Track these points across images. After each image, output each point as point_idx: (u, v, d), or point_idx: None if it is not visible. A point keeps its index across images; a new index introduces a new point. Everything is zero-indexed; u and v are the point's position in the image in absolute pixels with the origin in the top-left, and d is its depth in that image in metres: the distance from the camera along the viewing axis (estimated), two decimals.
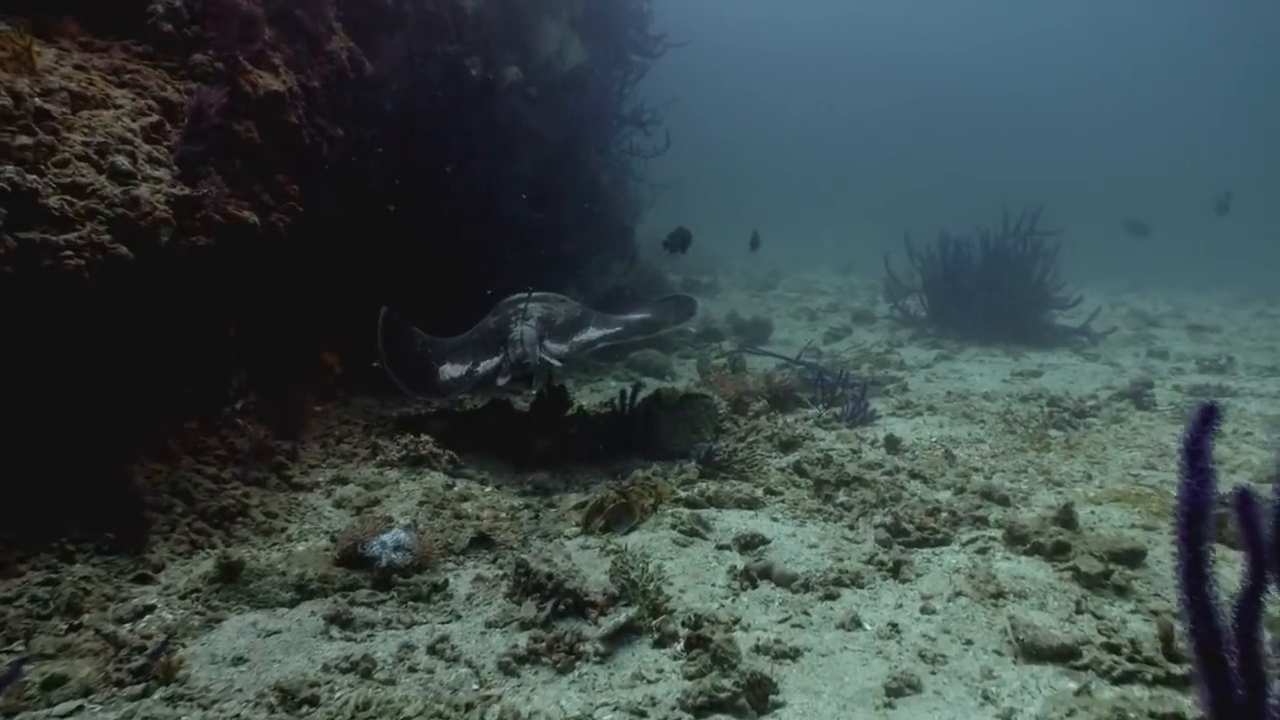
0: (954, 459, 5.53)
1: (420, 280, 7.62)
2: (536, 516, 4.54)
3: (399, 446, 5.21)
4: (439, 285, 7.72)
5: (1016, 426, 6.41)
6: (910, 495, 4.87)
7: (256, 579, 3.45)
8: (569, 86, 10.54)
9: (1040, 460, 5.56)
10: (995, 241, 11.58)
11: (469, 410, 6.89)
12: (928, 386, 8.15)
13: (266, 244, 5.19)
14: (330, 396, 6.60)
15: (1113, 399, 7.27)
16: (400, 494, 4.76)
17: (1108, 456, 5.61)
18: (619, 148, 12.60)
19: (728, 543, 4.04)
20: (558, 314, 6.06)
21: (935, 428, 6.44)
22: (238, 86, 5.03)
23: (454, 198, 8.24)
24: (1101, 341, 10.92)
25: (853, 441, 5.99)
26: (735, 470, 5.17)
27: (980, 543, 4.08)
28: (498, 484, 5.07)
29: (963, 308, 11.51)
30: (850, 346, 10.54)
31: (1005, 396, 7.58)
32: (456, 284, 7.83)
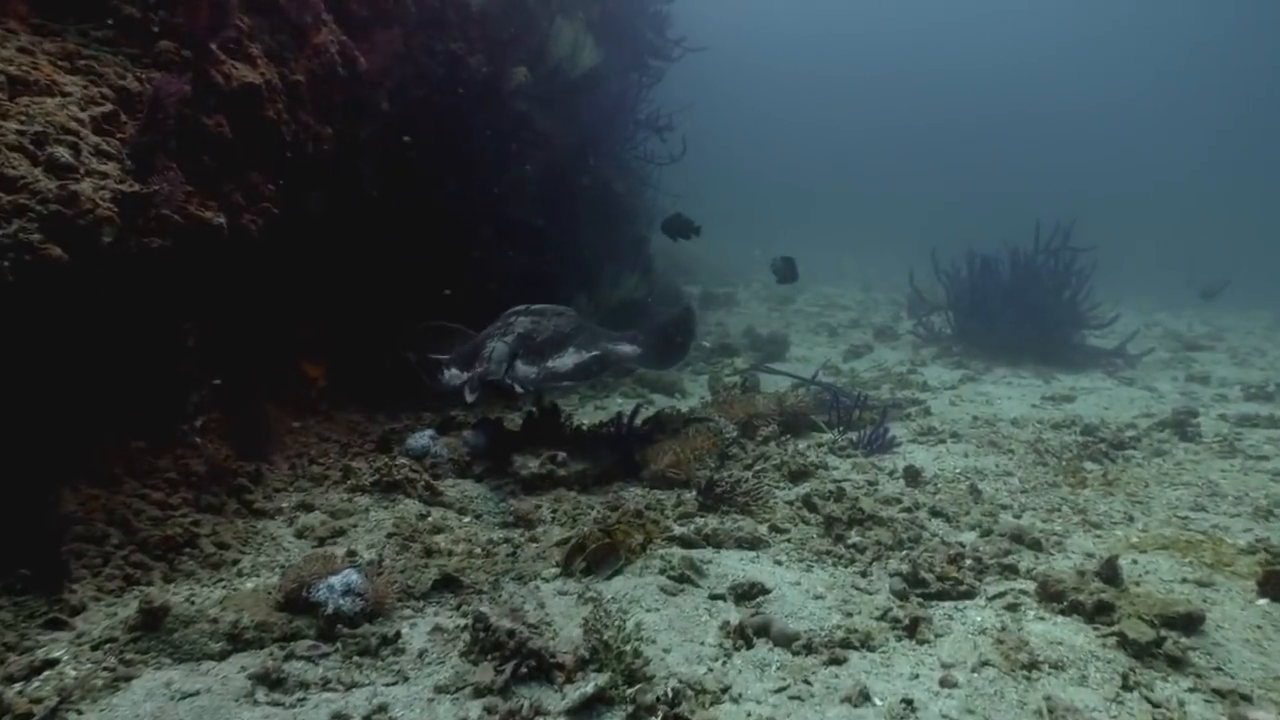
0: (980, 494, 5.05)
1: (417, 288, 7.24)
2: (515, 552, 4.10)
3: (372, 470, 4.79)
4: (438, 293, 7.34)
5: (1048, 458, 5.90)
6: (931, 536, 4.40)
7: (183, 626, 3.04)
8: (581, 89, 10.19)
9: (1075, 497, 5.06)
10: (1025, 257, 11.04)
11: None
12: (952, 410, 7.65)
13: (235, 247, 4.82)
14: (312, 411, 6.21)
15: (1153, 429, 6.74)
16: (369, 524, 4.34)
17: (1151, 495, 5.09)
18: (634, 154, 12.21)
19: (723, 591, 3.58)
20: (543, 330, 5.71)
21: (959, 457, 5.95)
22: (208, 77, 4.67)
23: (455, 202, 7.86)
24: (1137, 364, 10.36)
25: (869, 472, 5.51)
26: (738, 503, 4.71)
27: (1010, 597, 3.60)
28: (477, 513, 4.64)
29: (990, 326, 10.98)
30: (871, 365, 10.05)
31: (1035, 423, 7.06)
32: (457, 292, 7.45)
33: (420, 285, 7.27)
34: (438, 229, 7.57)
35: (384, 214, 7.10)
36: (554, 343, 5.64)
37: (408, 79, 7.29)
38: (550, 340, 5.69)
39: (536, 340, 5.69)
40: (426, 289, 7.29)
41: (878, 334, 12.39)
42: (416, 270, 7.26)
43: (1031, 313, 10.78)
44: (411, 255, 7.26)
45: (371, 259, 6.92)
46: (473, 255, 7.90)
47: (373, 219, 6.96)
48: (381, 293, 7.02)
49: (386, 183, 7.06)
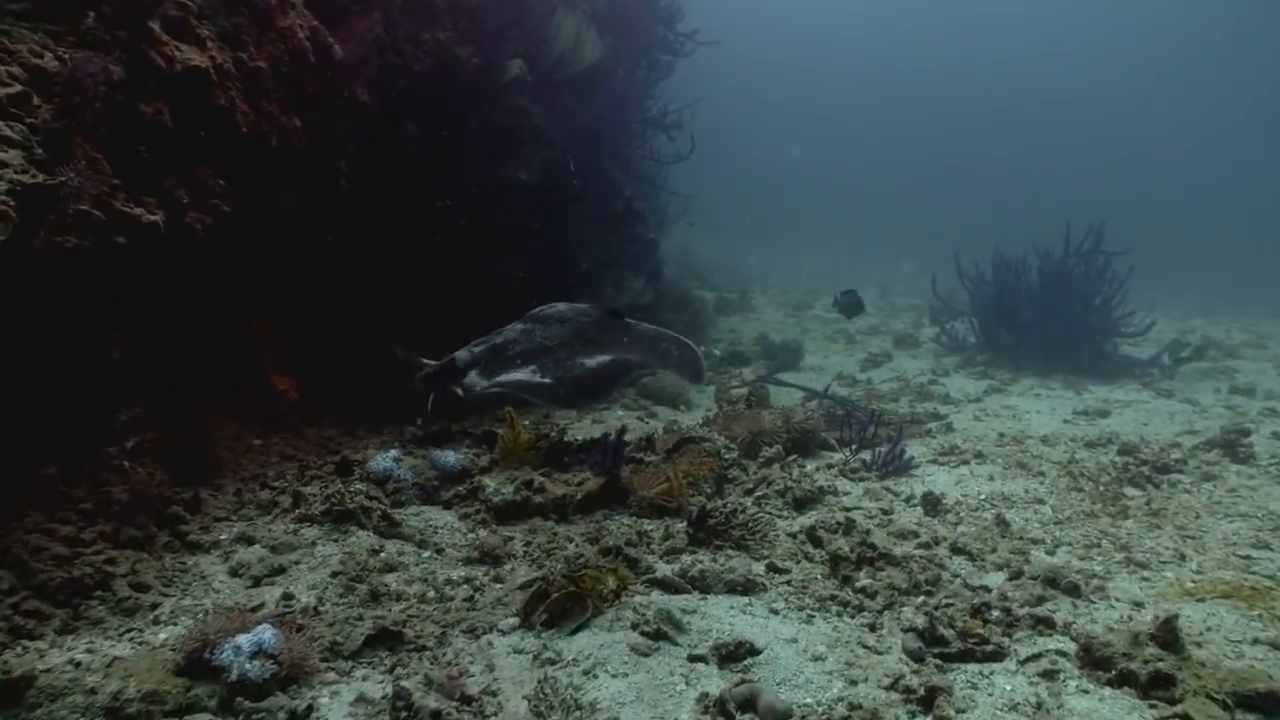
0: (1007, 526, 4.48)
1: (402, 294, 6.77)
2: (474, 596, 3.59)
3: (323, 497, 4.29)
4: (424, 300, 6.87)
5: (1084, 482, 5.32)
6: (951, 578, 3.84)
7: (50, 700, 2.55)
8: (584, 84, 9.71)
9: (1116, 530, 4.48)
10: (1055, 261, 10.41)
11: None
12: (976, 426, 7.06)
13: (178, 248, 4.36)
14: (280, 426, 5.74)
15: (1200, 449, 6.12)
16: (314, 560, 3.85)
17: (1203, 528, 4.50)
18: (641, 154, 11.70)
19: (705, 651, 3.04)
20: (529, 340, 5.38)
21: (984, 481, 5.37)
22: (146, 58, 4.20)
23: (444, 203, 7.37)
24: (1176, 375, 9.71)
25: (883, 498, 4.95)
26: (733, 537, 4.17)
27: (1046, 661, 3.04)
28: (439, 546, 4.13)
29: (1017, 334, 10.36)
30: (889, 375, 9.46)
31: (1068, 441, 6.46)
32: (447, 299, 6.98)
33: (406, 291, 6.81)
34: (425, 232, 7.09)
35: (365, 215, 6.63)
36: (529, 355, 5.17)
37: (390, 70, 6.82)
38: (526, 352, 5.25)
39: (510, 351, 5.38)
40: (412, 296, 6.83)
41: (898, 341, 11.79)
42: (402, 276, 6.79)
43: (1061, 320, 10.15)
44: (396, 260, 6.79)
45: (353, 263, 6.46)
46: (463, 260, 7.41)
47: (353, 220, 6.49)
48: (364, 299, 6.55)
49: (368, 182, 6.59)
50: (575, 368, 5.35)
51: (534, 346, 5.50)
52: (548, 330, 5.63)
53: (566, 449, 5.64)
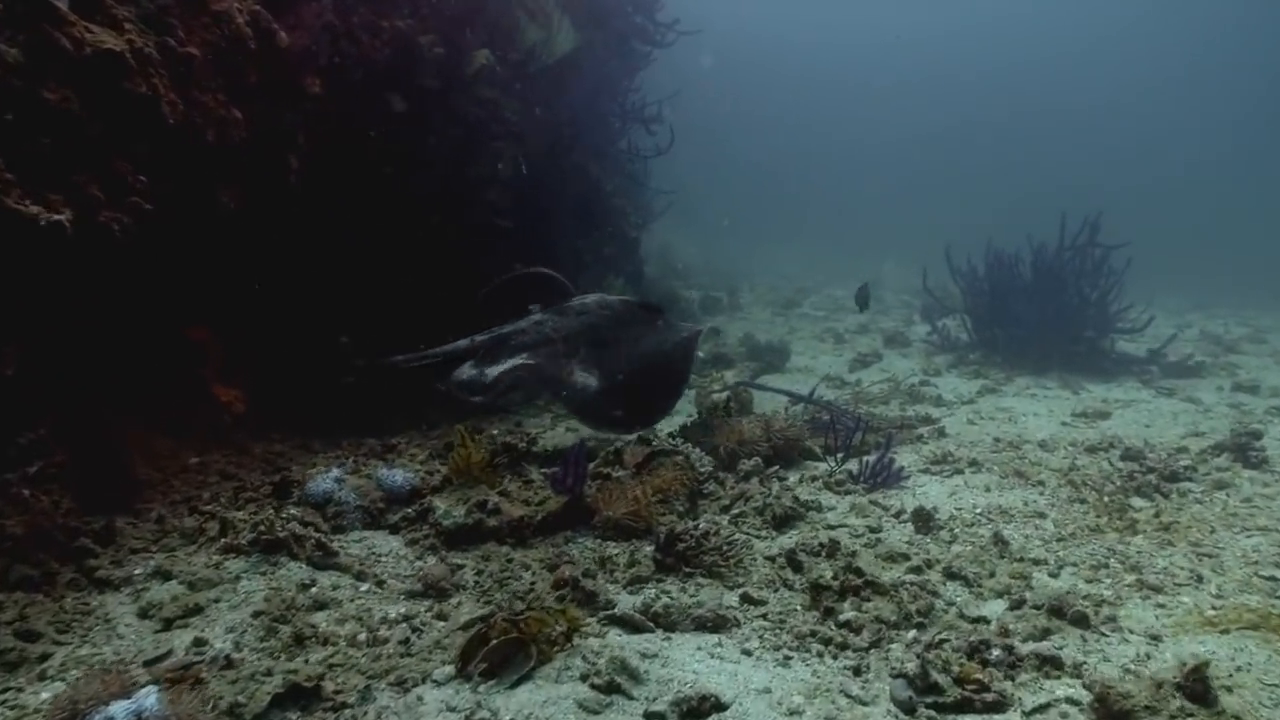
0: (1006, 546, 4.09)
1: (364, 299, 6.37)
2: (409, 639, 3.19)
3: (251, 525, 3.88)
4: (388, 304, 6.47)
5: (1086, 491, 4.94)
6: (946, 607, 3.46)
7: None
8: (559, 76, 9.32)
9: (1125, 547, 4.10)
10: (1050, 255, 10.03)
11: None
12: (970, 430, 6.68)
13: (91, 251, 3.95)
14: (223, 442, 5.33)
15: (1209, 453, 5.74)
16: (235, 597, 3.44)
17: (1220, 544, 4.12)
18: (619, 149, 11.29)
19: (663, 708, 2.64)
20: (536, 332, 5.18)
21: (980, 492, 4.99)
22: (51, 40, 3.80)
23: (406, 202, 6.96)
24: (1175, 372, 9.35)
25: (870, 514, 4.56)
26: (705, 564, 3.78)
27: (1055, 713, 2.65)
28: (380, 578, 3.72)
29: (1011, 331, 9.99)
30: (880, 377, 9.07)
31: (1067, 446, 6.09)
32: (411, 302, 6.58)
33: (367, 295, 6.41)
34: (387, 232, 6.68)
35: (321, 214, 6.23)
36: (527, 346, 5.02)
37: (346, 60, 6.40)
38: (526, 343, 5.08)
39: (513, 342, 5.10)
40: (374, 299, 6.43)
41: (888, 340, 11.41)
42: (362, 277, 6.39)
43: (1057, 316, 9.78)
44: (356, 260, 6.39)
45: (308, 265, 6.07)
46: (426, 265, 6.99)
47: (307, 220, 6.09)
48: (322, 303, 6.16)
49: (324, 179, 6.18)
50: (563, 369, 5.03)
51: (538, 338, 5.18)
52: (560, 321, 5.32)
53: (534, 459, 5.27)
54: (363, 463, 5.18)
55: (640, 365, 5.15)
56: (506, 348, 5.14)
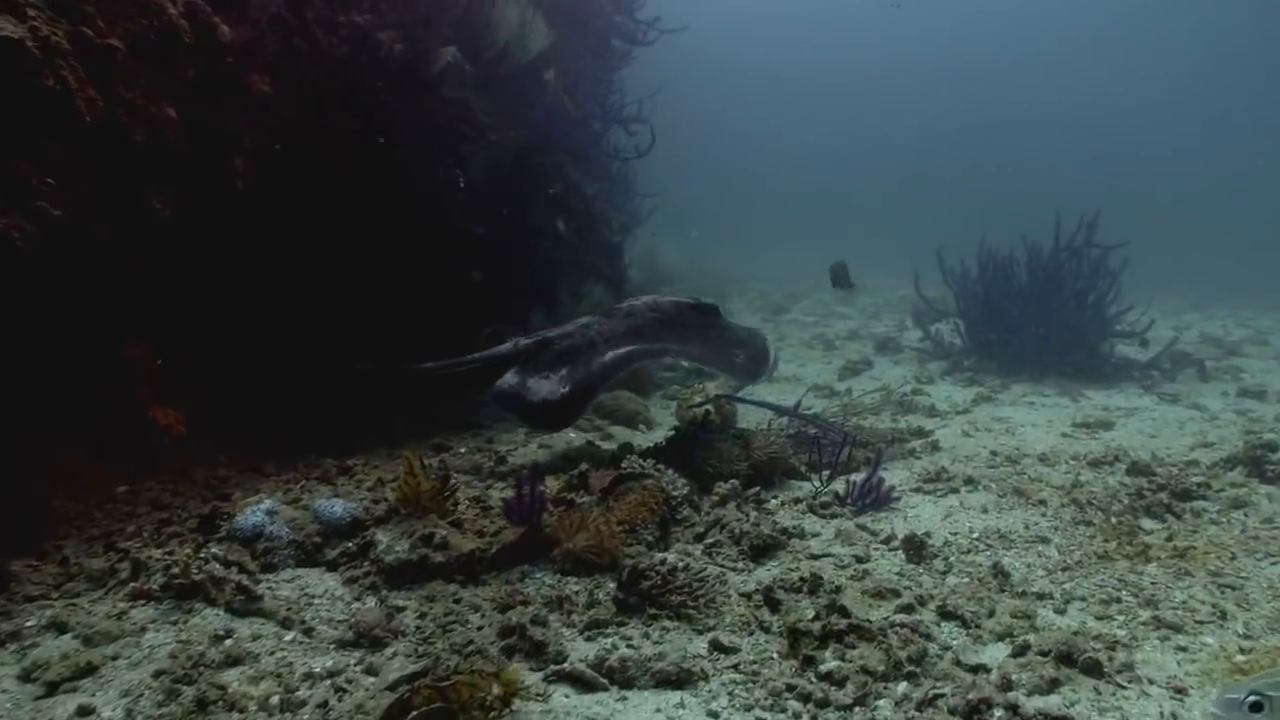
0: (1007, 578, 3.70)
1: (323, 311, 6.00)
2: (328, 702, 2.79)
3: (163, 568, 3.47)
4: (350, 316, 6.11)
5: (1092, 512, 4.56)
6: (940, 653, 3.07)
7: None
8: (533, 75, 8.95)
9: (1137, 578, 3.72)
10: (1046, 256, 9.67)
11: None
12: (965, 444, 6.30)
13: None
14: (160, 467, 4.94)
15: (1221, 466, 5.38)
16: (137, 653, 3.03)
17: (1243, 573, 3.75)
18: (602, 151, 10.91)
19: None
20: (584, 334, 5.09)
21: (977, 514, 4.61)
22: None
23: (368, 207, 6.57)
24: (1177, 377, 9.00)
25: (858, 541, 4.18)
26: (671, 603, 3.38)
27: None
28: (309, 625, 3.32)
29: (1007, 336, 9.62)
30: (870, 386, 8.69)
31: (1070, 460, 5.71)
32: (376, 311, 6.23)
33: (329, 305, 6.04)
34: (348, 240, 6.30)
35: (275, 221, 5.84)
36: (570, 351, 4.95)
37: (300, 57, 6.03)
38: (569, 348, 4.99)
39: (556, 346, 5.00)
40: (335, 311, 6.06)
41: (879, 347, 11.03)
42: (323, 288, 6.02)
43: (1053, 319, 9.42)
44: (315, 271, 6.01)
45: (263, 274, 5.70)
46: (389, 274, 6.61)
47: (259, 227, 5.70)
48: (282, 314, 5.79)
49: (275, 183, 5.80)
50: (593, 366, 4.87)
51: (582, 341, 5.03)
52: (607, 324, 5.20)
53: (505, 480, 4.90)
54: (310, 488, 4.79)
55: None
56: (550, 352, 4.99)
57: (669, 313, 5.32)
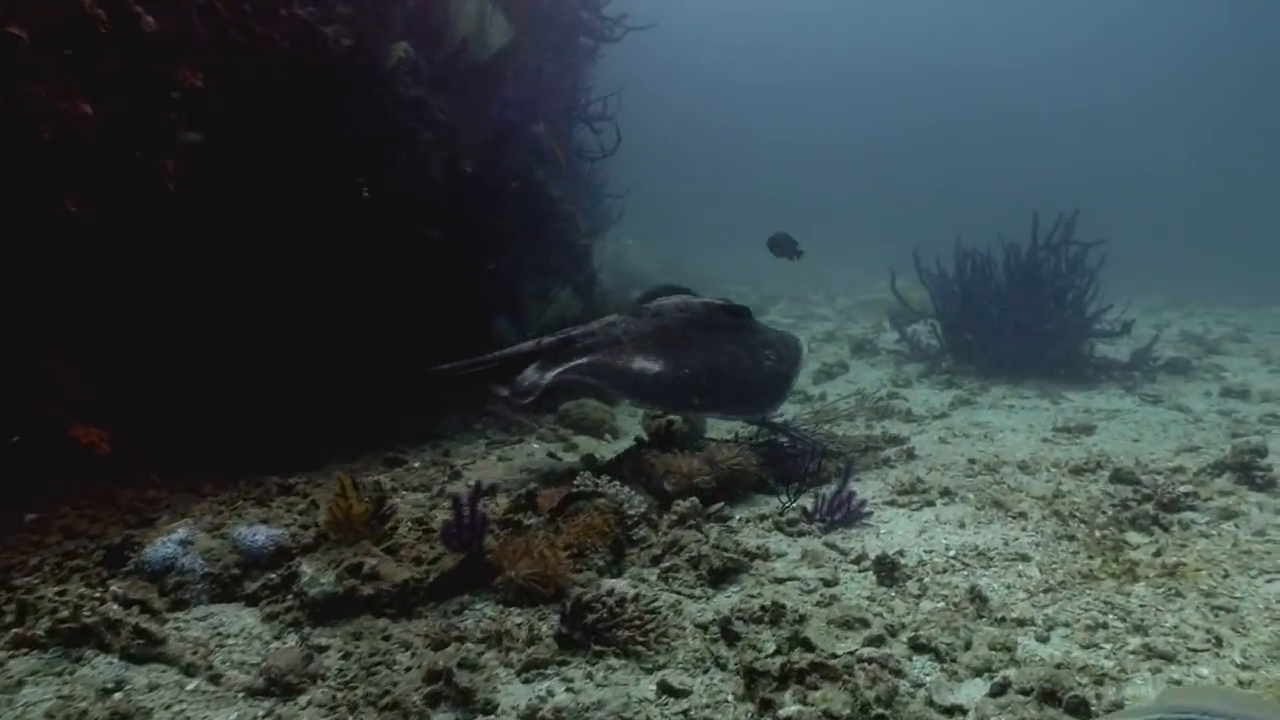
0: (985, 602, 3.42)
1: (267, 320, 5.67)
2: None
3: (51, 608, 3.13)
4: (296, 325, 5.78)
5: (1075, 525, 4.29)
6: (912, 691, 2.79)
7: None
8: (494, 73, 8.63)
9: (1125, 600, 3.44)
10: (1025, 255, 9.42)
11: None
12: (942, 451, 6.02)
13: None
14: (80, 491, 4.59)
15: (1209, 473, 5.12)
16: (8, 713, 2.69)
17: (1236, 592, 3.48)
18: (570, 151, 10.60)
19: None
20: (609, 332, 5.04)
21: (954, 529, 4.33)
22: None
23: (316, 209, 6.23)
24: (1158, 377, 8.79)
25: (826, 563, 3.88)
26: (618, 639, 3.08)
27: None
28: (216, 672, 2.98)
29: (985, 337, 9.38)
30: (846, 390, 8.42)
31: (1050, 467, 5.45)
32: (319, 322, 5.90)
33: (271, 316, 5.72)
34: (294, 246, 5.96)
35: (214, 224, 5.51)
36: (595, 348, 4.92)
37: (237, 51, 5.69)
38: (594, 345, 4.95)
39: (580, 344, 4.97)
40: (279, 320, 5.73)
41: (855, 349, 10.77)
42: (269, 295, 5.69)
43: (1032, 319, 9.18)
44: (259, 277, 5.69)
45: (203, 281, 5.37)
46: (341, 282, 6.29)
47: (195, 231, 5.37)
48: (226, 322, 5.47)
49: (214, 185, 5.46)
50: (626, 369, 4.80)
51: (607, 339, 4.98)
52: (634, 324, 5.11)
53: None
54: (242, 511, 4.46)
55: (720, 363, 4.96)
56: (573, 350, 4.95)
57: (699, 313, 5.24)
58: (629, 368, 4.79)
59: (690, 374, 4.85)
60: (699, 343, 5.14)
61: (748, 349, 5.28)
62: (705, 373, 4.89)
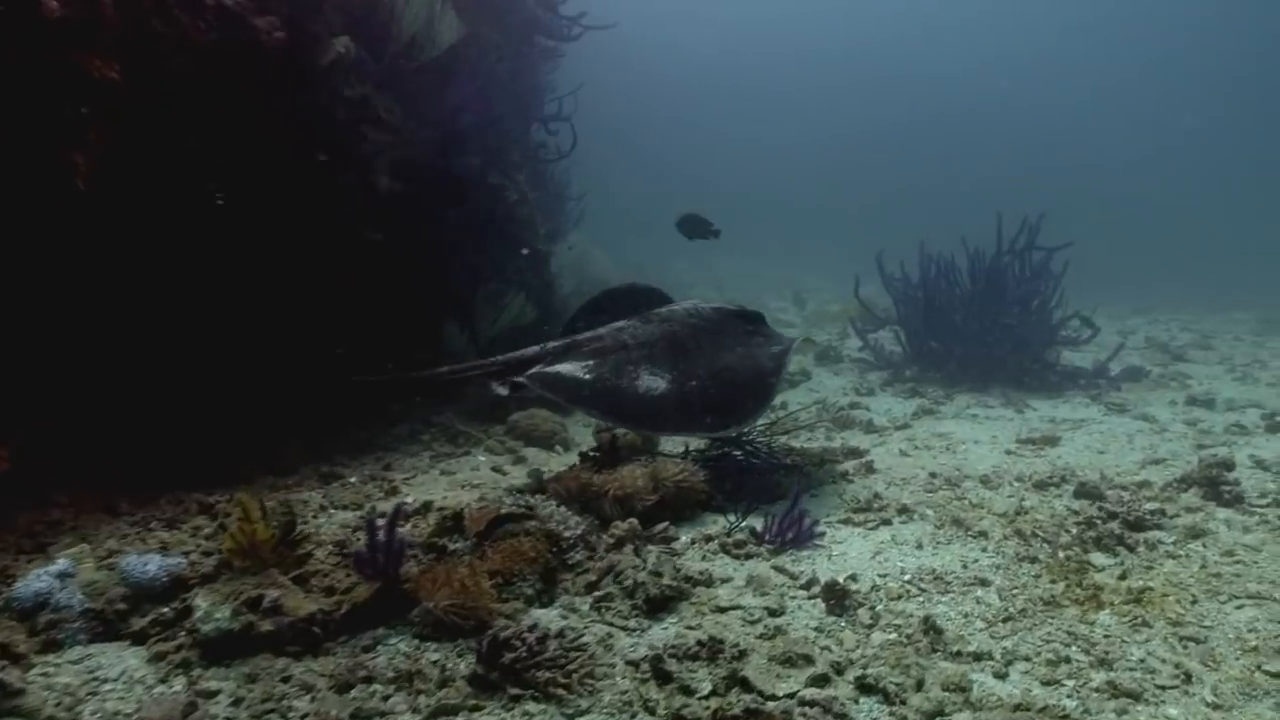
0: (939, 634, 3.16)
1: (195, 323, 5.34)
2: None
3: None
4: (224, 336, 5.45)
5: (1037, 546, 4.07)
6: None
7: None
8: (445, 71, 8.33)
9: (1089, 629, 3.21)
10: (989, 260, 9.27)
11: None
12: (903, 464, 5.79)
13: None
14: None
15: (1175, 488, 4.93)
16: None
17: (1206, 620, 3.26)
18: (527, 153, 10.31)
19: None
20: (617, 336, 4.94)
21: (910, 550, 4.08)
22: None
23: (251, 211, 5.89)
24: (1125, 385, 8.65)
25: (773, 590, 3.61)
26: (538, 680, 2.79)
27: None
28: None
29: (949, 344, 9.20)
30: (807, 399, 8.19)
31: (1013, 482, 5.24)
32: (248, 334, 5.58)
33: (194, 325, 5.38)
34: (224, 251, 5.63)
35: (135, 226, 5.16)
36: (598, 352, 4.84)
37: (157, 42, 5.35)
38: (599, 349, 4.87)
39: (585, 348, 4.89)
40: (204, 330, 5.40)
41: (819, 356, 10.55)
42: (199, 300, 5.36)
43: (997, 326, 9.02)
44: (188, 281, 5.35)
45: (122, 285, 5.03)
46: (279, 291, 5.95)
47: (113, 232, 5.03)
48: (150, 329, 5.14)
49: (135, 183, 5.12)
50: (626, 382, 4.66)
51: (614, 344, 4.90)
52: (642, 328, 5.01)
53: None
54: (147, 536, 4.12)
55: (723, 369, 4.83)
56: (576, 353, 4.87)
57: (710, 319, 5.13)
58: (634, 388, 4.62)
59: (698, 385, 4.67)
60: (709, 346, 5.01)
61: (755, 348, 5.11)
62: (713, 381, 4.72)
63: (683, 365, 4.81)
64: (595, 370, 4.70)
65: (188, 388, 5.23)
